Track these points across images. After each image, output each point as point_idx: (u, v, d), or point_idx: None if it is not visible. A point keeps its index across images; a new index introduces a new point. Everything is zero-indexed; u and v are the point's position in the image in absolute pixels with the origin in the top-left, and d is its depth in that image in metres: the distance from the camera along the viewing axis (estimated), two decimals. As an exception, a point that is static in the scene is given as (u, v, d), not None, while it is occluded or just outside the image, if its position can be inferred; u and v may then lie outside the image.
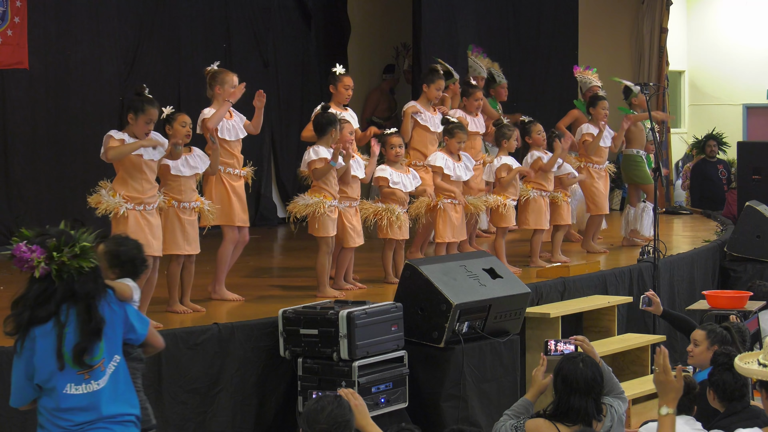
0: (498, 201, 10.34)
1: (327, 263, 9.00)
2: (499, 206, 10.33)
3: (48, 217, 12.26)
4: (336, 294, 8.84)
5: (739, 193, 14.82)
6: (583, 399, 5.77)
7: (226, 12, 14.11)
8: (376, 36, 16.41)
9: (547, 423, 5.83)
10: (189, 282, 8.31)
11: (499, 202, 10.34)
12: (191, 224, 8.19)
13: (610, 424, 5.90)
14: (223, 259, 8.71)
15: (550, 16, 16.72)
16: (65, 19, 12.30)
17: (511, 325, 8.42)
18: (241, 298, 8.79)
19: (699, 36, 19.31)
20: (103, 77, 12.66)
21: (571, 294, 9.81)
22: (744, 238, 12.54)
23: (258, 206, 13.78)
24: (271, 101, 14.35)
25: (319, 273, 8.96)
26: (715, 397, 6.44)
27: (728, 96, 19.11)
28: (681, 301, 11.11)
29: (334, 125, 8.97)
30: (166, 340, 7.13)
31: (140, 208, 7.80)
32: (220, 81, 8.66)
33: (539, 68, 16.55)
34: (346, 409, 4.86)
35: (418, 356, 7.92)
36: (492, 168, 10.57)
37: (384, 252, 9.64)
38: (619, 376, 6.14)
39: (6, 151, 11.94)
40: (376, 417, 7.15)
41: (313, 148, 8.98)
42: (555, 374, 5.86)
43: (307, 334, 7.57)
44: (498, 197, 10.38)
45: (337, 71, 9.61)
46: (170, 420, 7.17)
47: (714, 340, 7.36)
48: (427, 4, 15.06)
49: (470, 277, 8.22)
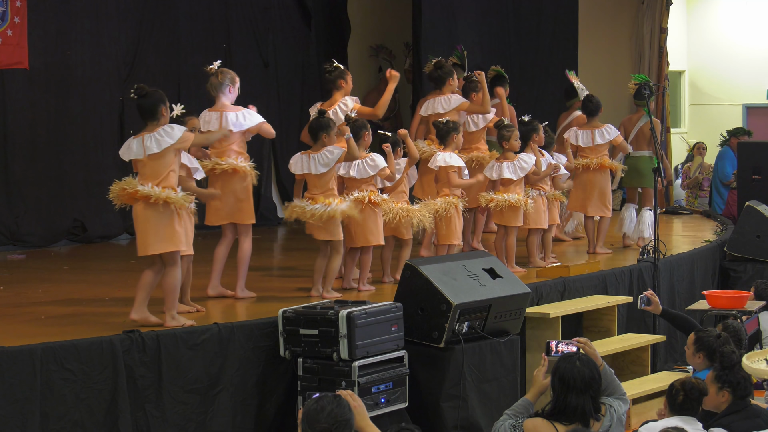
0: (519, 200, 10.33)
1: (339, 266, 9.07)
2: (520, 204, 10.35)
3: (48, 217, 12.30)
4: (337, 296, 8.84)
5: (739, 193, 14.82)
6: (581, 398, 5.77)
7: (226, 12, 14.13)
8: (376, 36, 16.42)
9: (545, 422, 5.85)
10: (188, 282, 8.35)
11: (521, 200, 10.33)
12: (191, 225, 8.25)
13: (609, 423, 5.91)
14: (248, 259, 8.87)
15: (550, 16, 16.73)
16: (65, 19, 12.32)
17: (511, 325, 8.41)
18: (254, 295, 8.92)
19: (699, 36, 19.33)
20: (103, 77, 12.68)
21: (571, 294, 9.80)
22: (744, 238, 12.53)
23: (258, 206, 13.78)
24: (271, 101, 14.39)
25: (332, 275, 9.00)
26: (729, 396, 6.45)
27: (728, 96, 19.13)
28: (681, 301, 11.10)
29: (326, 130, 8.96)
30: (166, 340, 7.18)
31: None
32: (232, 81, 8.75)
33: (539, 68, 16.55)
34: (346, 409, 4.86)
35: (418, 356, 7.91)
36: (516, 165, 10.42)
37: (388, 252, 9.68)
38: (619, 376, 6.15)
39: (6, 151, 11.95)
40: (376, 417, 7.16)
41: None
42: (552, 373, 5.87)
43: (307, 334, 7.56)
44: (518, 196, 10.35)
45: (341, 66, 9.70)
46: (170, 420, 7.17)
47: (699, 347, 7.36)
48: (427, 4, 15.07)
49: (470, 277, 8.22)
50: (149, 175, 7.61)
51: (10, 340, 6.79)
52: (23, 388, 6.52)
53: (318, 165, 8.85)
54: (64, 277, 10.49)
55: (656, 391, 9.14)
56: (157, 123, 7.65)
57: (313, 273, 9.00)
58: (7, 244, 11.93)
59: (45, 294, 9.24)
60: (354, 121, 9.14)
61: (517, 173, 10.31)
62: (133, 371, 7.01)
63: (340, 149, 8.86)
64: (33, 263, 11.31)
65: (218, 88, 8.69)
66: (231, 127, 8.62)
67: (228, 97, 8.71)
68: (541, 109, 14.56)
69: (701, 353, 7.33)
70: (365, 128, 9.23)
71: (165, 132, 7.59)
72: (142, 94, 7.70)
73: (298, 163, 8.92)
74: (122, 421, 6.91)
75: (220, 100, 8.70)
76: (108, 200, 7.82)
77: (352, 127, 9.05)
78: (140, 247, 7.71)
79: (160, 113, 7.65)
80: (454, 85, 10.84)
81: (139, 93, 7.71)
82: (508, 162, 10.33)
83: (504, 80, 12.32)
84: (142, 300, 7.70)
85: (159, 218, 7.61)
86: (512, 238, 10.43)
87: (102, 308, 8.54)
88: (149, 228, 7.61)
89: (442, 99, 10.72)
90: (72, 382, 6.73)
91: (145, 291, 7.72)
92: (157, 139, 7.57)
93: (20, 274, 10.57)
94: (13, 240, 12.04)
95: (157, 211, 7.60)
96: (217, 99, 8.72)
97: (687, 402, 6.39)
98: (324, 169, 8.84)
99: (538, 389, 6.12)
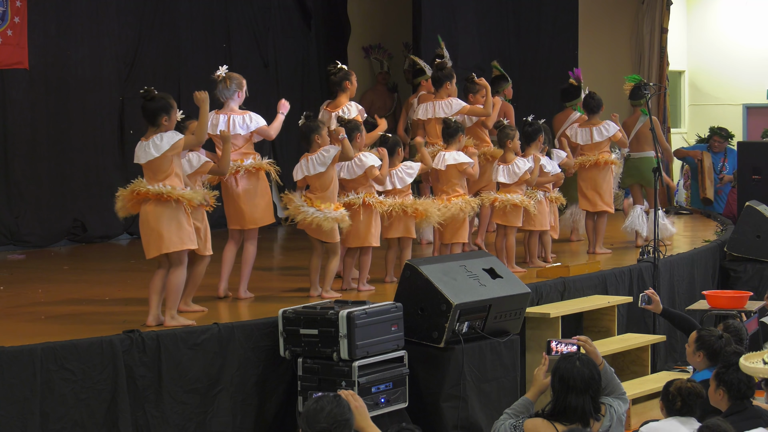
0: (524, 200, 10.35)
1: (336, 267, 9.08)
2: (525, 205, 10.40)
3: (48, 217, 12.30)
4: (337, 296, 8.84)
5: (739, 193, 14.81)
6: (580, 397, 5.77)
7: (226, 12, 14.13)
8: (376, 36, 16.41)
9: (545, 422, 5.84)
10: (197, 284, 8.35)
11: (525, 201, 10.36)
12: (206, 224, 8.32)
13: (609, 423, 5.91)
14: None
15: (550, 16, 16.72)
16: (65, 19, 12.32)
17: (511, 325, 8.41)
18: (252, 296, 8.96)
19: (699, 36, 19.31)
20: (103, 77, 12.68)
21: (571, 294, 9.80)
22: (744, 238, 12.53)
23: (258, 206, 13.78)
24: (271, 101, 14.36)
25: (331, 275, 8.99)
26: (725, 396, 6.44)
27: (728, 96, 19.10)
28: (681, 301, 11.10)
29: (316, 131, 8.97)
30: (166, 340, 7.18)
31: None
32: (239, 85, 8.79)
33: (539, 68, 16.55)
34: (346, 409, 4.86)
35: (418, 356, 7.91)
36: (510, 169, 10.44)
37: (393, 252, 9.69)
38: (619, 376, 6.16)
39: (6, 151, 11.95)
40: (376, 417, 7.15)
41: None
42: (552, 374, 5.88)
43: (307, 334, 7.56)
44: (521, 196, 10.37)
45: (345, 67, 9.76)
46: (170, 420, 7.17)
47: (700, 346, 7.36)
48: (427, 4, 15.07)
49: (470, 277, 8.22)
50: (151, 178, 7.66)
51: (10, 340, 6.79)
52: (23, 388, 6.52)
53: (316, 165, 8.87)
54: (64, 277, 10.49)
55: (656, 391, 9.10)
56: (156, 129, 7.67)
57: (310, 273, 9.01)
58: (7, 244, 11.93)
59: (45, 294, 9.24)
60: (347, 122, 9.18)
61: (511, 177, 10.35)
62: (133, 371, 7.01)
63: (335, 147, 8.88)
64: (33, 263, 11.32)
65: (227, 94, 8.75)
66: (239, 130, 8.66)
67: (236, 102, 8.78)
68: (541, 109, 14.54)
69: (701, 352, 7.34)
70: (358, 129, 9.27)
71: (153, 144, 7.64)
72: (148, 98, 7.71)
73: (297, 170, 8.95)
74: (122, 421, 6.91)
75: (228, 104, 8.75)
76: (108, 200, 7.87)
77: (346, 128, 9.08)
78: (152, 248, 7.68)
79: (159, 121, 7.66)
80: (451, 89, 10.85)
81: (145, 96, 7.71)
82: (505, 165, 10.37)
83: (505, 80, 12.33)
84: (157, 304, 7.71)
85: (171, 216, 7.63)
86: (512, 238, 10.44)
87: (102, 308, 8.54)
88: (162, 226, 7.61)
89: (443, 103, 10.76)
90: (72, 382, 6.73)
91: (159, 295, 7.72)
92: (146, 151, 7.65)
93: (20, 274, 10.57)
94: (13, 240, 12.04)
95: (170, 208, 7.62)
96: (225, 104, 8.76)
97: (685, 406, 6.42)
98: (321, 168, 8.85)
99: (539, 388, 6.12)
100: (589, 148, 11.58)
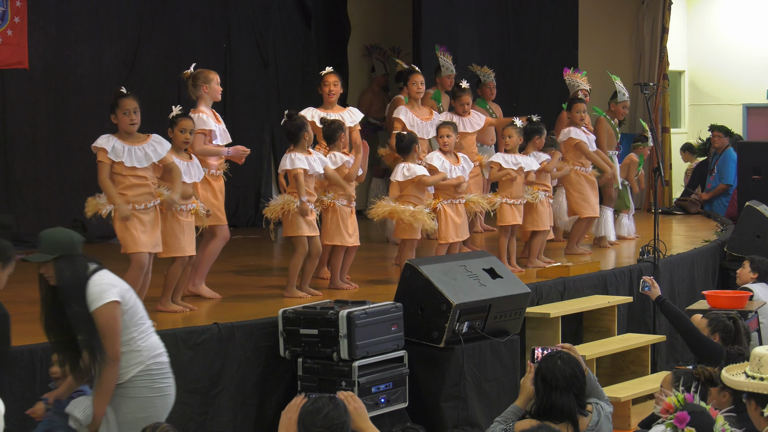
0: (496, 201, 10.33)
1: (300, 264, 9.01)
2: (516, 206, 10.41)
3: (48, 217, 12.29)
4: (302, 295, 8.85)
5: (739, 193, 14.81)
6: (565, 396, 5.77)
7: (226, 12, 14.13)
8: (376, 36, 16.41)
9: (534, 422, 5.84)
10: (183, 282, 8.47)
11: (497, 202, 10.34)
12: (189, 226, 8.30)
13: (597, 418, 5.90)
14: (214, 256, 8.92)
15: (550, 16, 16.73)
16: (65, 19, 12.31)
17: (511, 325, 8.42)
18: (219, 296, 8.91)
19: (699, 36, 19.31)
20: (103, 77, 12.67)
21: (571, 294, 9.81)
22: (744, 238, 12.52)
23: (258, 206, 13.78)
24: (271, 101, 14.39)
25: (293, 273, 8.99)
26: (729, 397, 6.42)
27: (728, 96, 19.11)
28: (681, 301, 11.09)
29: (305, 128, 8.99)
30: (166, 340, 7.16)
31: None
32: (205, 80, 8.78)
33: (539, 68, 16.55)
34: (342, 410, 4.85)
35: (418, 356, 7.92)
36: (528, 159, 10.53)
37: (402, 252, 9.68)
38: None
39: (6, 151, 11.94)
40: (375, 417, 7.16)
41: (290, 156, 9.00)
42: (535, 374, 5.88)
43: (307, 334, 7.57)
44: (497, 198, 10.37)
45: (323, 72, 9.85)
46: (171, 420, 7.12)
47: (715, 328, 7.36)
48: (427, 4, 15.08)
49: (470, 277, 8.22)
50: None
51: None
52: (23, 388, 6.51)
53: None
54: (64, 277, 10.46)
55: (656, 391, 9.12)
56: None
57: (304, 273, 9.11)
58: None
59: (45, 294, 9.21)
60: (330, 123, 9.25)
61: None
62: (133, 371, 7.00)
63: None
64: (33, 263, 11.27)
65: (195, 92, 8.83)
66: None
67: (206, 98, 8.79)
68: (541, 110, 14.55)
69: (717, 335, 7.33)
70: (341, 130, 9.34)
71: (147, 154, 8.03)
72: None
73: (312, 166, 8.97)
74: (122, 421, 6.90)
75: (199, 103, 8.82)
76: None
77: (328, 129, 9.14)
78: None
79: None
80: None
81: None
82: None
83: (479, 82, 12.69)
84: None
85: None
86: (512, 238, 10.44)
87: (102, 308, 8.51)
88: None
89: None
90: (72, 382, 6.72)
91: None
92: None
93: (20, 274, 10.54)
94: (13, 240, 12.00)
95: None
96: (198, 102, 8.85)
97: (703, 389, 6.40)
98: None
99: (527, 396, 6.11)
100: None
